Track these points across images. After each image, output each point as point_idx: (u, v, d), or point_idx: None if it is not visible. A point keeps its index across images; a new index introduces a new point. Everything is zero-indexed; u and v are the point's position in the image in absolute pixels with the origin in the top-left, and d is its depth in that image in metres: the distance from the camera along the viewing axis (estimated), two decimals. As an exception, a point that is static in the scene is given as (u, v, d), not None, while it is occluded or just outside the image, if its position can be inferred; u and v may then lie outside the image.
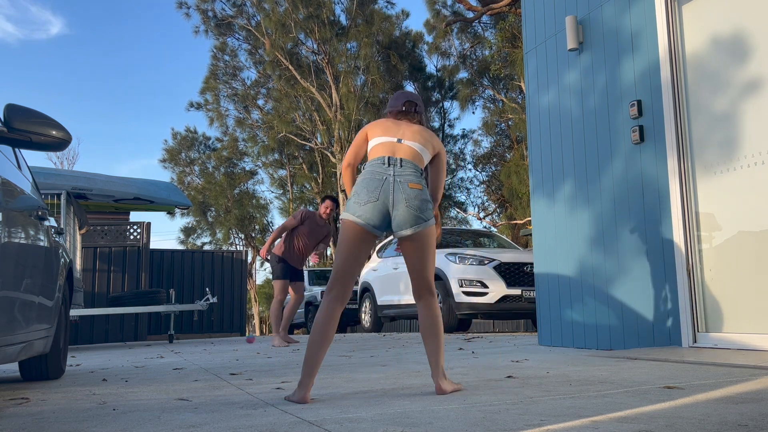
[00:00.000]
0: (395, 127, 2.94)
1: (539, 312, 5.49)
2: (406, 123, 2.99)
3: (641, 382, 2.74)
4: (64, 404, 2.78)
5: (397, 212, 2.71)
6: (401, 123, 2.98)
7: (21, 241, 2.80)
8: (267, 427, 2.03)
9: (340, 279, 2.74)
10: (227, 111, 28.90)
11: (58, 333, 4.02)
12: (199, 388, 3.21)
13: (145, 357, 6.04)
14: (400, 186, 2.73)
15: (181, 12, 27.01)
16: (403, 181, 2.74)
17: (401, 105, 3.07)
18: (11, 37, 56.31)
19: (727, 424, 1.80)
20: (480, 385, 2.88)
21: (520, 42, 17.94)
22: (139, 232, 11.88)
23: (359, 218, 2.70)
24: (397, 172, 2.76)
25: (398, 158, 2.80)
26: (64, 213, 7.98)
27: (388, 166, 2.77)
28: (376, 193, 2.71)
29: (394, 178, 2.74)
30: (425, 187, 2.80)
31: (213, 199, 29.75)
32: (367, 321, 10.86)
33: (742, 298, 3.81)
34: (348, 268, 2.74)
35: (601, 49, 4.92)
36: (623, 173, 4.64)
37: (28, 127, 2.72)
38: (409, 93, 3.11)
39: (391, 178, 2.74)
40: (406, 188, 2.73)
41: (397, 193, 2.72)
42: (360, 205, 2.71)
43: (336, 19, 25.30)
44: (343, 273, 2.74)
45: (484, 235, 11.03)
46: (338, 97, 24.68)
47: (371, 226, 2.71)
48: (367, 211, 2.70)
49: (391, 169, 2.76)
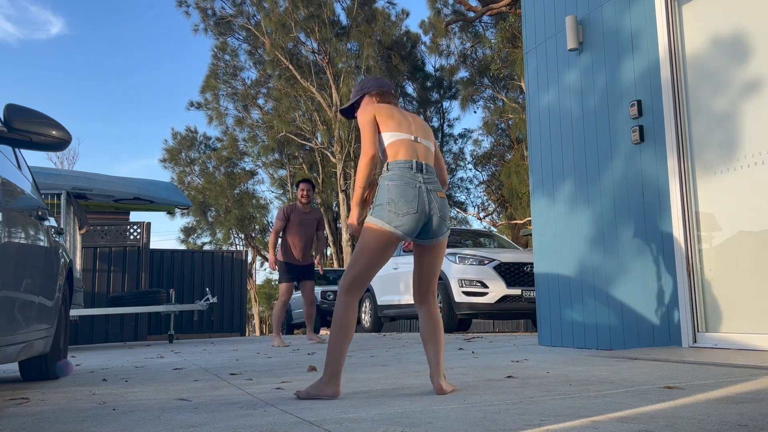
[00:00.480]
0: (404, 120, 2.89)
1: (539, 312, 5.49)
2: (411, 115, 2.97)
3: (641, 382, 2.74)
4: (64, 404, 2.78)
5: (432, 222, 2.75)
6: (405, 114, 2.94)
7: (21, 241, 2.80)
8: (267, 427, 2.03)
9: (363, 281, 2.76)
10: (227, 110, 28.92)
11: (58, 333, 4.02)
12: (199, 388, 3.21)
13: (145, 357, 6.04)
14: (433, 195, 2.76)
15: (180, 10, 27.04)
16: (434, 190, 2.78)
17: (390, 88, 3.06)
18: (11, 37, 56.36)
19: (727, 424, 1.80)
20: (480, 385, 2.88)
21: (520, 42, 17.94)
22: (139, 232, 11.88)
23: (397, 229, 2.69)
24: (426, 179, 2.77)
25: (423, 163, 2.80)
26: (64, 213, 7.98)
27: (417, 172, 2.76)
28: (414, 203, 2.71)
29: (426, 186, 2.76)
30: None
31: (213, 199, 29.74)
32: (367, 321, 10.87)
33: (742, 298, 3.81)
34: (372, 272, 2.77)
35: (601, 49, 4.92)
36: (623, 173, 4.64)
37: (28, 127, 2.72)
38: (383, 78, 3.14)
39: (424, 187, 2.75)
40: (437, 197, 2.78)
41: (432, 204, 2.75)
42: (399, 215, 2.69)
43: (336, 18, 25.30)
44: (367, 276, 2.76)
45: (484, 235, 11.03)
46: (338, 97, 24.68)
47: (407, 235, 2.74)
48: (407, 222, 2.70)
49: (421, 177, 2.76)
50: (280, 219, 7.01)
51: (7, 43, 56.01)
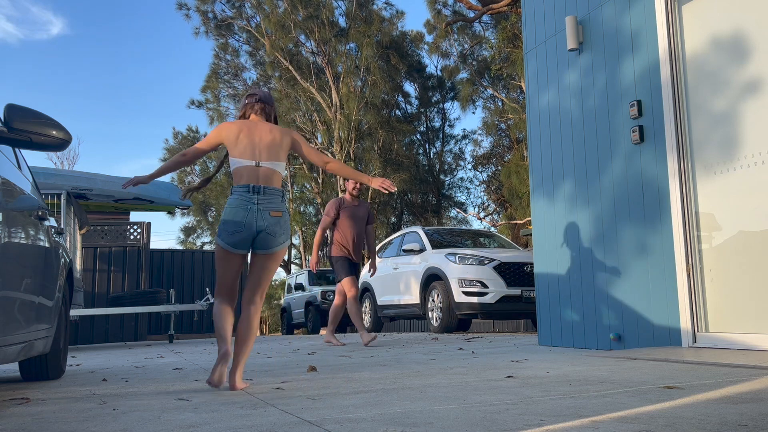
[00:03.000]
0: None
1: (539, 312, 5.49)
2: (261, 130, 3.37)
3: (641, 382, 2.74)
4: (64, 404, 2.78)
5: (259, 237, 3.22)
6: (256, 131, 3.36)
7: (21, 241, 2.80)
8: (267, 427, 2.03)
9: (220, 288, 3.37)
10: (227, 111, 28.93)
11: (58, 333, 4.02)
12: (199, 388, 3.21)
13: (145, 357, 6.04)
14: (265, 214, 3.22)
15: (181, 13, 27.06)
16: (265, 209, 3.19)
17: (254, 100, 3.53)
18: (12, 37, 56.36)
19: (727, 424, 1.80)
20: (480, 385, 2.88)
21: (520, 42, 17.94)
22: (139, 232, 11.88)
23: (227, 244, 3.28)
24: (260, 200, 3.23)
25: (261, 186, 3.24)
26: (64, 213, 7.98)
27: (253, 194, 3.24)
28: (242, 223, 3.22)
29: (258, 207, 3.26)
30: None
31: (213, 199, 29.75)
32: (367, 321, 10.86)
33: (742, 298, 3.81)
34: (224, 280, 3.36)
35: (601, 49, 4.92)
36: (623, 173, 4.64)
37: (28, 127, 2.72)
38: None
39: (256, 207, 3.25)
40: (268, 216, 3.18)
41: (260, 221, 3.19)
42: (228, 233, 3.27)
43: (335, 19, 25.31)
44: (223, 283, 3.37)
45: (484, 235, 11.03)
46: (338, 98, 24.68)
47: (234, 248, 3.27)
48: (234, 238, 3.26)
49: (256, 198, 3.24)
50: (328, 215, 6.56)
51: (8, 43, 56.03)
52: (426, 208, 28.05)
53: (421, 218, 27.54)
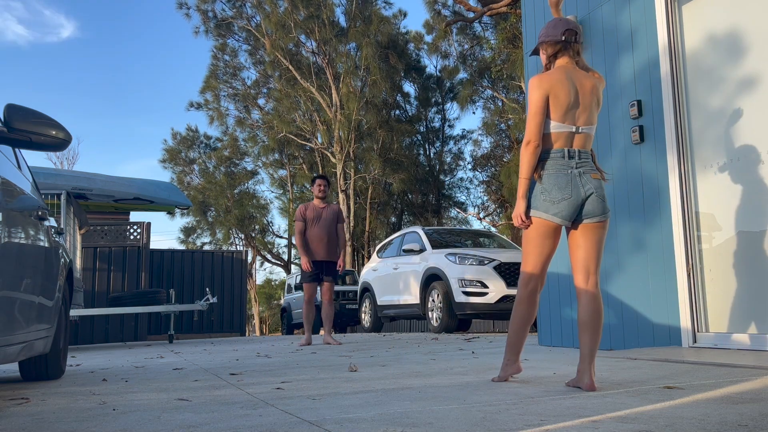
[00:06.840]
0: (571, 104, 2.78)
1: (539, 312, 5.49)
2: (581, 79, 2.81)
3: (641, 382, 2.74)
4: (64, 404, 2.78)
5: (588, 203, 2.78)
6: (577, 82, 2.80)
7: (21, 241, 2.80)
8: (267, 427, 2.03)
9: (539, 274, 2.87)
10: (227, 110, 28.94)
11: (58, 333, 4.01)
12: (199, 388, 3.21)
13: (145, 357, 6.04)
14: (587, 177, 2.77)
15: (181, 12, 27.06)
16: (586, 172, 2.78)
17: (563, 34, 2.84)
18: (22, 39, 56.45)
19: (727, 424, 1.80)
20: (480, 385, 2.88)
21: (520, 42, 17.93)
22: (139, 232, 11.88)
23: (555, 216, 2.77)
24: (578, 164, 2.79)
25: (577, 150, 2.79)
26: (64, 213, 7.97)
27: (570, 159, 2.78)
28: (568, 189, 2.75)
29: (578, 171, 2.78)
30: None
31: (213, 199, 29.74)
32: (367, 321, 10.86)
33: (742, 298, 3.81)
34: (545, 265, 2.88)
35: (600, 49, 4.92)
36: (622, 171, 4.64)
37: (28, 127, 2.72)
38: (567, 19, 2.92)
39: (576, 171, 2.77)
40: (591, 179, 2.77)
41: (586, 185, 2.77)
42: (554, 203, 2.76)
43: (336, 19, 25.31)
44: (541, 270, 2.87)
45: (484, 235, 11.03)
46: (338, 97, 24.68)
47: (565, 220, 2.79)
48: (564, 208, 2.76)
49: (573, 162, 2.78)
50: (298, 220, 6.94)
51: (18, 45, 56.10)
52: (426, 208, 28.06)
53: (421, 218, 27.55)
